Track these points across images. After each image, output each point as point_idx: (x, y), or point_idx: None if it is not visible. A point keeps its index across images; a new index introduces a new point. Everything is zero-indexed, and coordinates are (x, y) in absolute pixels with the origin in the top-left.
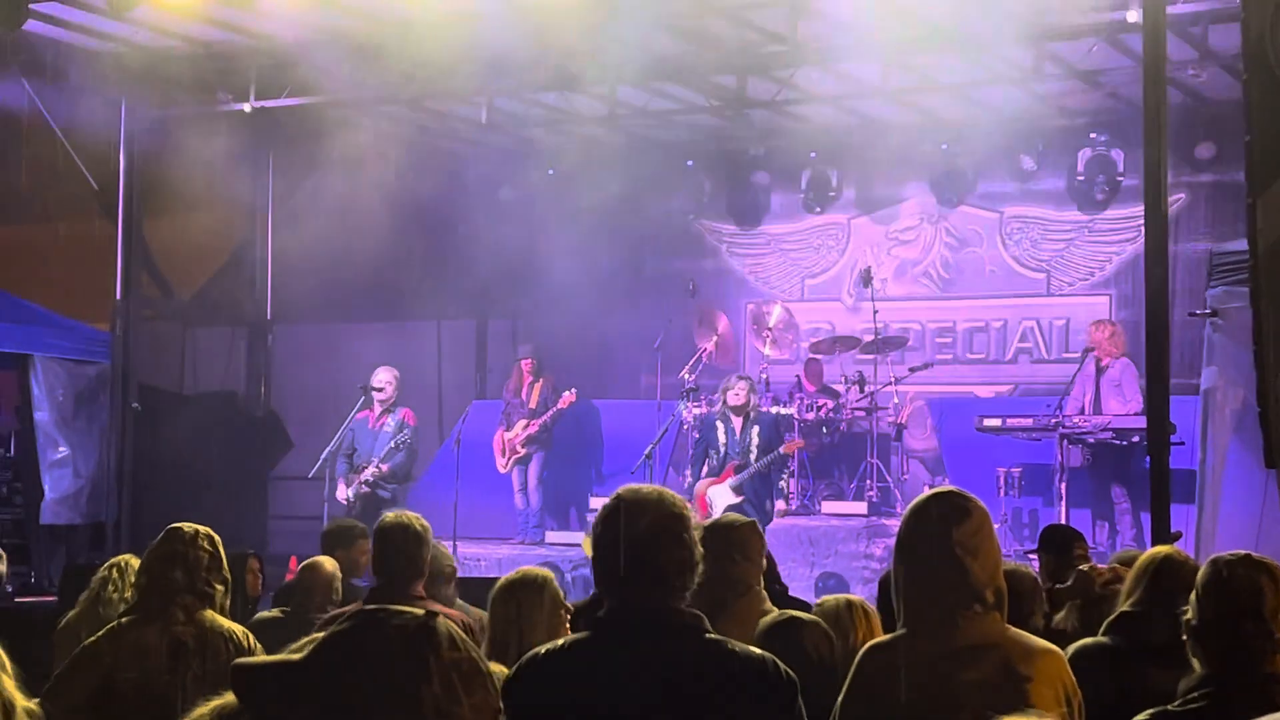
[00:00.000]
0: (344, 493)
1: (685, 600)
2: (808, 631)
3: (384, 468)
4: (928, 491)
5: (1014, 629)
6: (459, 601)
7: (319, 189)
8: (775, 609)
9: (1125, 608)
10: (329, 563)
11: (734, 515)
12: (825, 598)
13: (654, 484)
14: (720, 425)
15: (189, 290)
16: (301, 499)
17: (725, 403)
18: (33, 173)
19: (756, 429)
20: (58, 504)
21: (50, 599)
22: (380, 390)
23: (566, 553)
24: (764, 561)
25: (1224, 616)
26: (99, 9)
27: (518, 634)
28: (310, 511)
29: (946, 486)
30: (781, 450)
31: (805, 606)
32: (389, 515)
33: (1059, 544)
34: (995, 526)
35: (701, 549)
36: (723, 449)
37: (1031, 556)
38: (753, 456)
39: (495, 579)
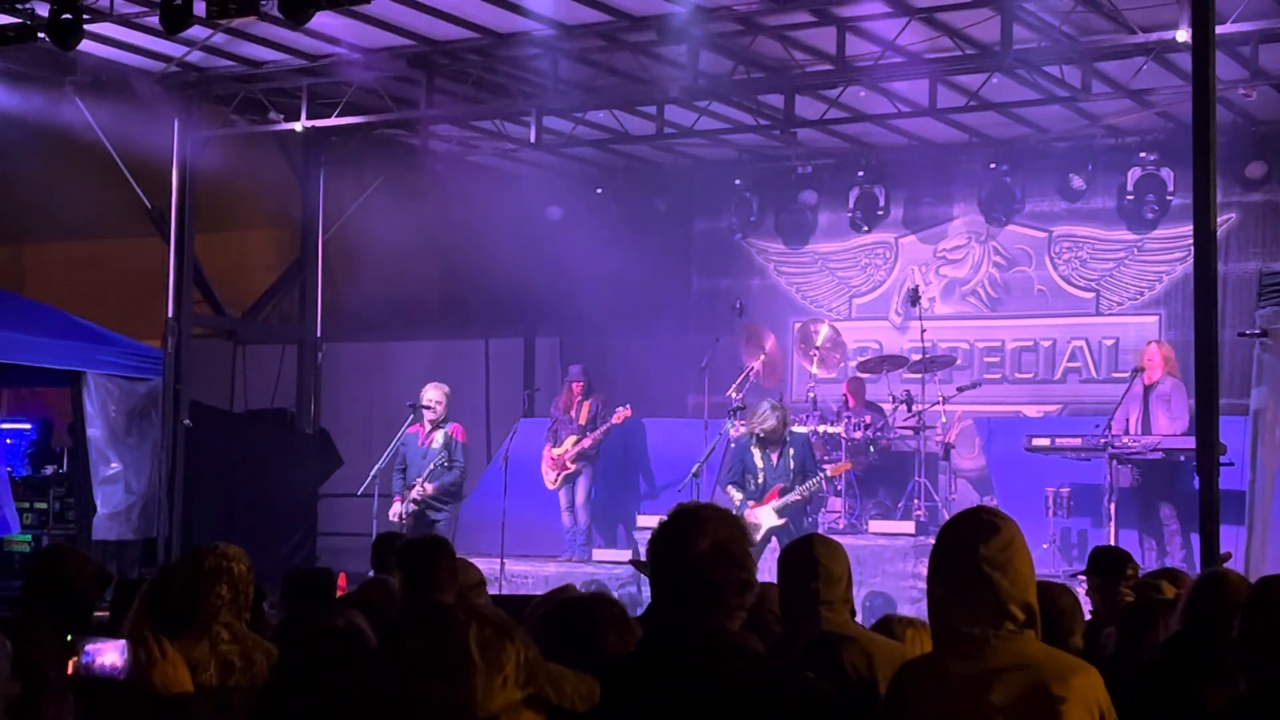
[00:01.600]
0: (397, 509)
1: (741, 621)
2: (847, 650)
3: (429, 487)
4: (961, 511)
5: (1048, 648)
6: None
7: (369, 208)
8: (847, 629)
9: (1177, 629)
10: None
11: (814, 535)
12: (890, 615)
13: (706, 502)
14: (756, 451)
15: (240, 308)
16: (349, 516)
17: (753, 433)
18: (87, 192)
19: (791, 451)
20: (109, 520)
21: (103, 614)
22: (430, 409)
23: (614, 570)
24: (846, 580)
25: (1268, 633)
26: (153, 29)
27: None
28: (359, 528)
29: (979, 504)
30: (828, 472)
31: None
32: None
33: (1109, 565)
34: (1045, 547)
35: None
36: (760, 474)
37: (1080, 578)
38: (793, 480)
39: (534, 596)
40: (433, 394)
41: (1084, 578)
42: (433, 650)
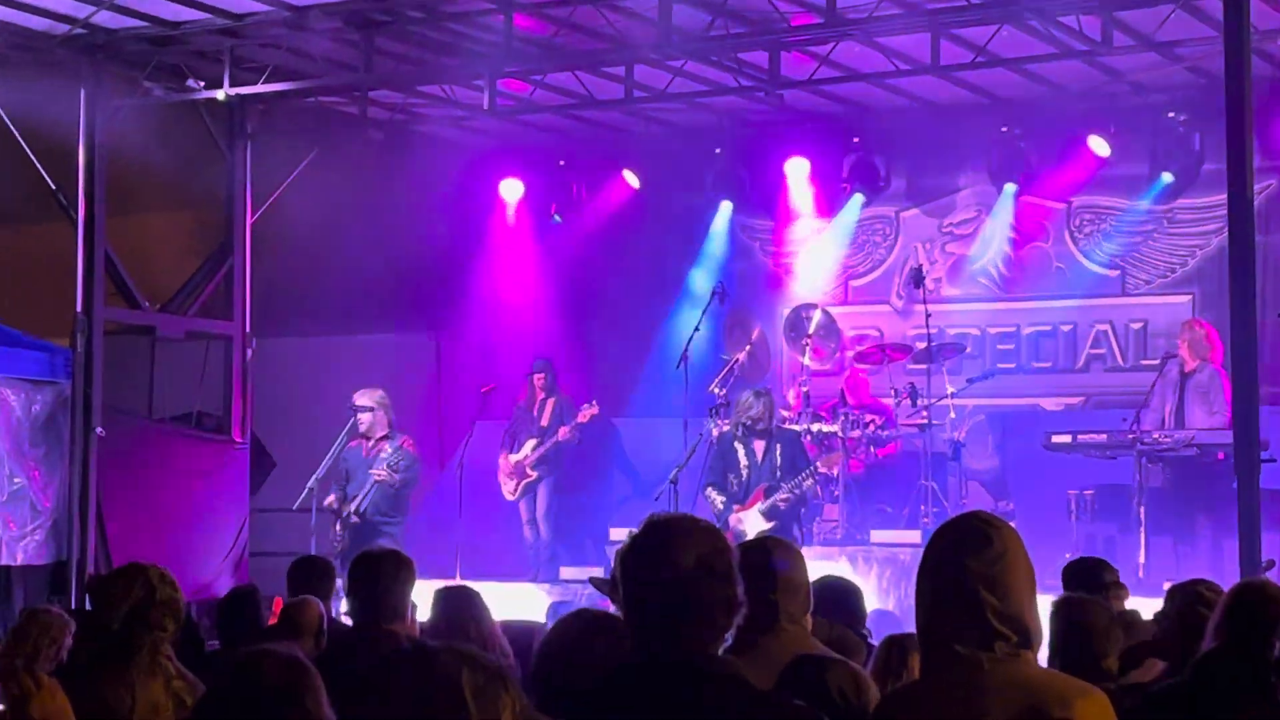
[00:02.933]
0: (331, 500)
1: (725, 644)
2: (832, 672)
3: (396, 476)
4: (949, 518)
5: (1050, 671)
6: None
7: (302, 185)
8: (818, 647)
9: (1211, 645)
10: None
11: (773, 539)
12: (892, 635)
13: (684, 512)
14: (740, 446)
15: (158, 300)
16: (285, 533)
17: (741, 424)
18: None
19: (779, 447)
20: (13, 542)
21: None
22: (365, 413)
23: (584, 590)
24: (804, 589)
25: None
26: None
27: None
28: (295, 547)
29: (970, 510)
30: (818, 466)
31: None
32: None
33: (1085, 579)
34: (1067, 556)
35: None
36: (744, 472)
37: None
38: (779, 479)
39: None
40: (364, 401)
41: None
42: (420, 699)
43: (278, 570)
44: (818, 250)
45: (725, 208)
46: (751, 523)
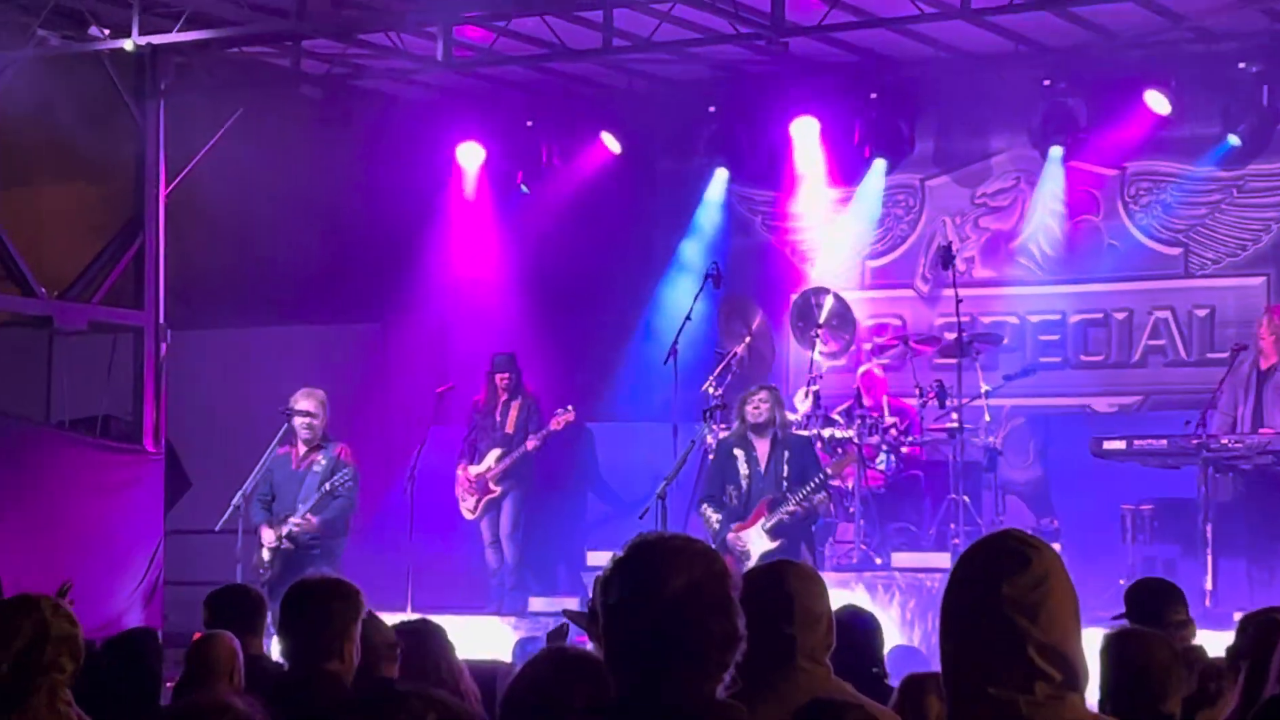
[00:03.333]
0: (271, 538)
1: (723, 684)
2: (851, 718)
3: (314, 519)
4: (981, 537)
5: (1099, 717)
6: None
7: (226, 151)
8: (845, 689)
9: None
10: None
11: (789, 562)
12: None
13: (675, 531)
14: (740, 452)
15: (57, 286)
16: (205, 559)
17: (744, 421)
18: None
19: (786, 453)
20: None
21: None
22: (305, 418)
23: (555, 625)
24: (826, 623)
25: None
26: None
27: None
28: (217, 575)
29: (1004, 529)
30: (828, 473)
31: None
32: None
33: (1149, 605)
34: (1121, 583)
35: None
36: (745, 482)
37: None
38: (785, 489)
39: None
40: (305, 405)
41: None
42: None
43: (190, 605)
44: (829, 225)
45: (720, 176)
46: (754, 542)
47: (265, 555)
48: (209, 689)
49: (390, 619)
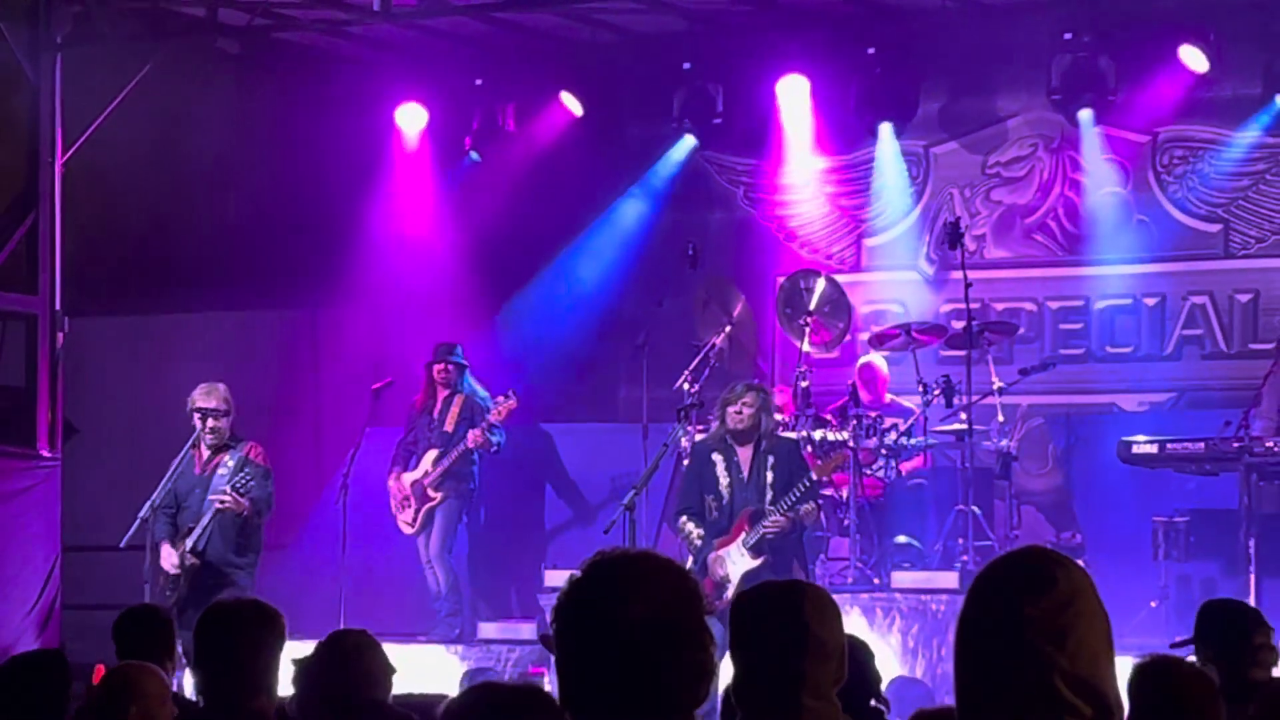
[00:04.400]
0: (170, 557)
1: None
2: None
3: (244, 500)
4: (1001, 553)
5: None
6: None
7: (131, 114)
8: None
9: None
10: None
11: (804, 584)
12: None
13: (642, 547)
14: (719, 458)
15: None
16: (107, 579)
17: (724, 424)
18: None
19: (771, 459)
20: None
21: None
22: (206, 417)
23: (508, 654)
24: (839, 655)
25: None
26: None
27: None
28: (120, 597)
29: (1028, 545)
30: (814, 478)
31: None
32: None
33: (1227, 631)
34: (1153, 605)
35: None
36: (725, 492)
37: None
38: (769, 500)
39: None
40: (205, 402)
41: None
42: None
43: (97, 628)
44: (820, 199)
45: (696, 142)
46: (733, 561)
47: (171, 574)
48: None
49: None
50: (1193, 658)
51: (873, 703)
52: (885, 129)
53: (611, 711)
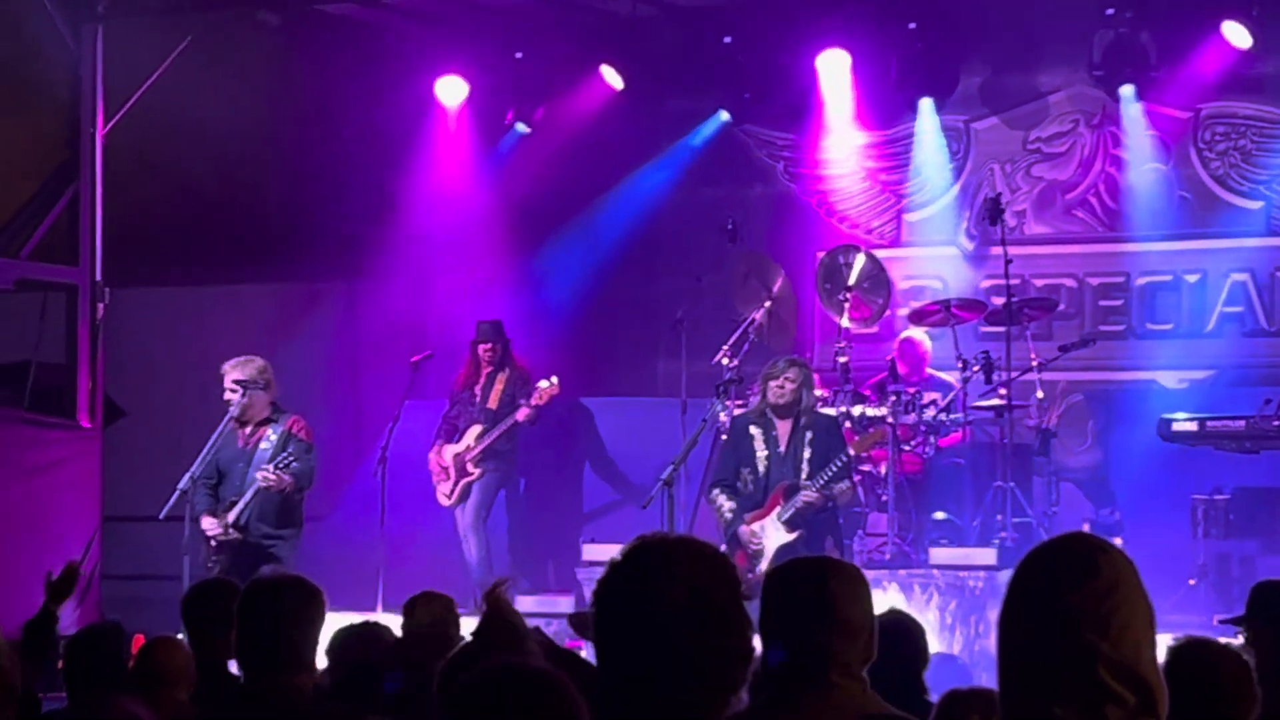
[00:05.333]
0: (212, 526)
1: (731, 708)
2: None
3: (286, 476)
4: (1044, 540)
5: None
6: None
7: (172, 85)
8: (887, 711)
9: None
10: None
11: (827, 559)
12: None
13: (680, 527)
14: (757, 431)
15: None
16: (147, 549)
17: (765, 398)
18: None
19: (810, 434)
20: None
21: None
22: (237, 390)
23: (545, 628)
24: (867, 632)
25: None
26: None
27: None
28: (160, 568)
29: (1070, 532)
30: (852, 454)
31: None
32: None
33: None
34: (1191, 584)
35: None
36: (761, 465)
37: (1234, 627)
38: (804, 475)
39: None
40: (237, 374)
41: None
42: None
43: (131, 600)
44: (860, 174)
45: (736, 116)
46: (769, 535)
47: (213, 547)
48: (165, 703)
49: (352, 619)
50: (1239, 639)
51: (915, 685)
52: (926, 104)
53: (651, 696)
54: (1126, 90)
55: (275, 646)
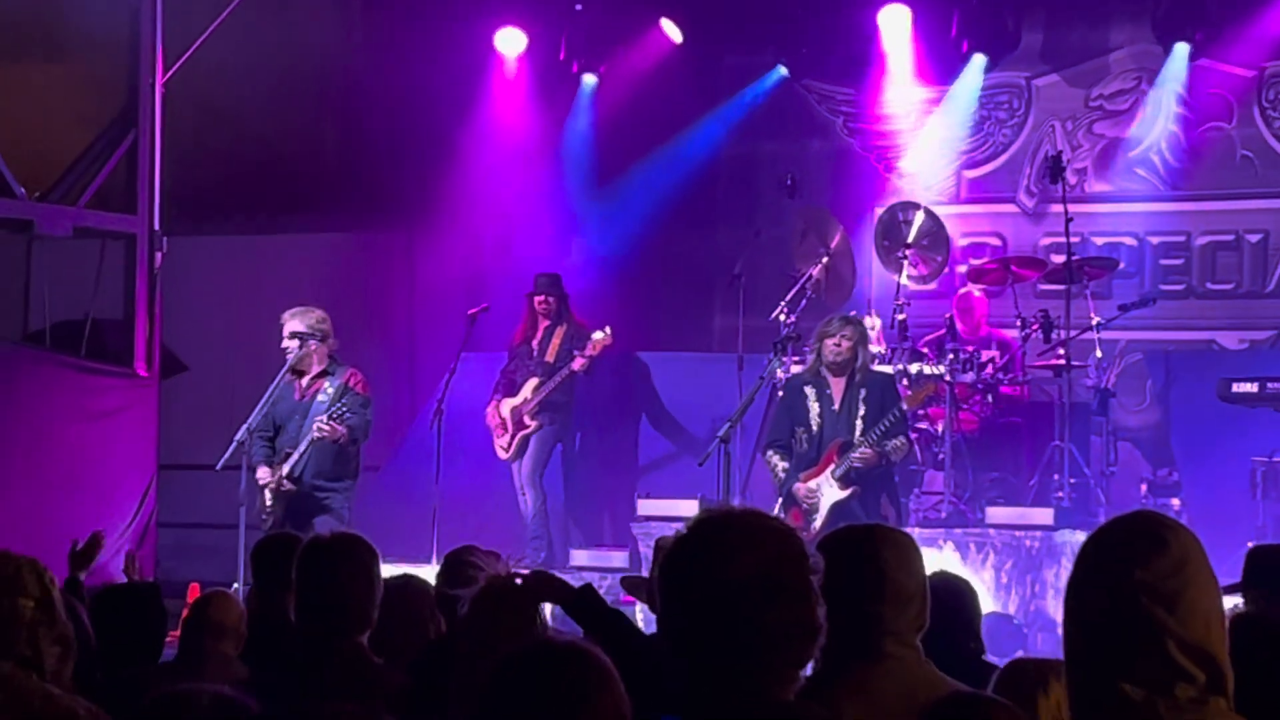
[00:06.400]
0: (267, 476)
1: (798, 681)
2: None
3: (340, 427)
4: (1113, 517)
5: None
6: None
7: (230, 33)
8: (943, 680)
9: None
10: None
11: (878, 527)
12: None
13: (736, 484)
14: (811, 390)
15: (38, 185)
16: (203, 498)
17: (820, 357)
18: None
19: (864, 391)
20: None
21: None
22: (295, 343)
23: (600, 582)
24: (920, 600)
25: None
26: None
27: None
28: (216, 516)
29: (1138, 509)
30: (905, 409)
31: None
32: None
33: (1273, 575)
34: (1249, 545)
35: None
36: (815, 424)
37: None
38: (859, 432)
39: None
40: (296, 325)
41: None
42: None
43: (185, 548)
44: (921, 130)
45: (796, 71)
46: (824, 492)
47: (267, 498)
48: (212, 657)
49: (405, 571)
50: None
51: (972, 646)
52: (977, 60)
53: (715, 669)
54: (1189, 48)
55: (333, 606)
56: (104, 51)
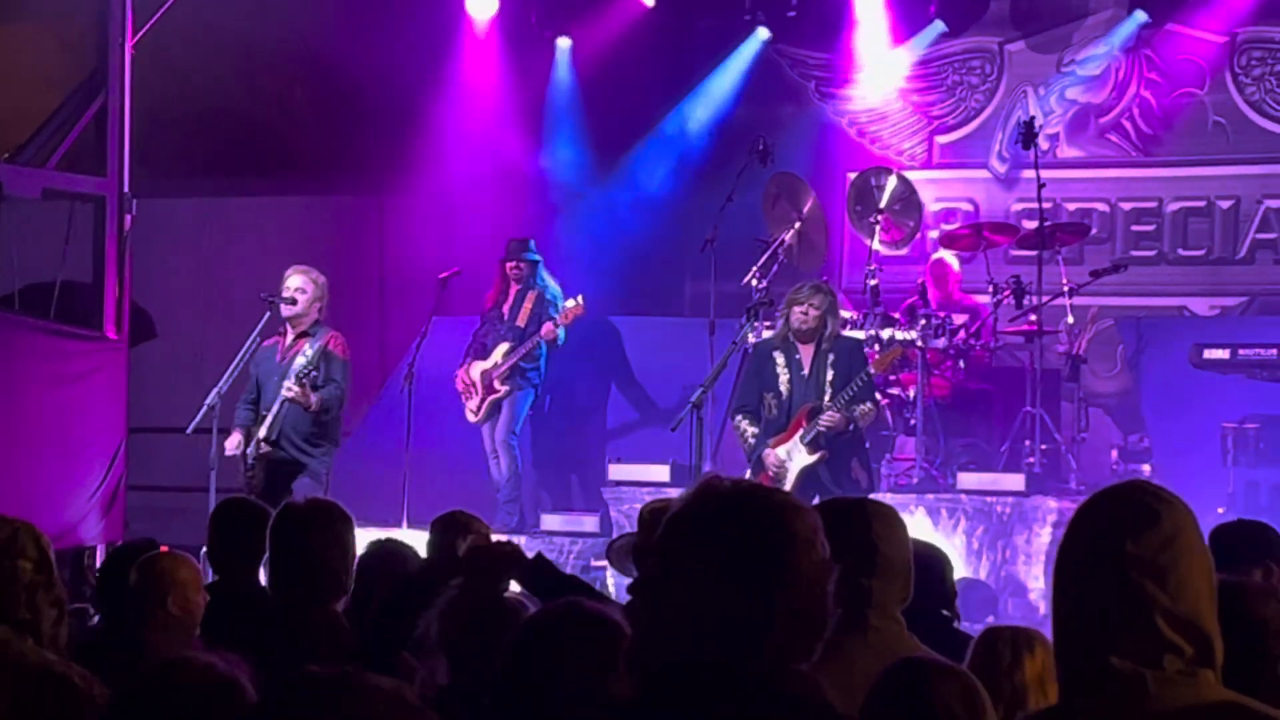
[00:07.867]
0: (236, 441)
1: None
2: (940, 686)
3: (311, 395)
4: (1101, 489)
5: (1236, 696)
6: None
7: (201, 3)
8: (925, 652)
9: None
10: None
11: (870, 501)
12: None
13: (708, 450)
14: (780, 356)
15: (7, 147)
16: (173, 462)
17: (789, 323)
18: None
19: (832, 357)
20: None
21: None
22: (292, 303)
23: (570, 546)
24: (905, 573)
25: None
26: None
27: None
28: (186, 479)
29: (1130, 480)
30: (872, 372)
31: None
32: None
33: (1237, 551)
34: (1220, 511)
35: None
36: (784, 389)
37: None
38: (828, 397)
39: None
40: (296, 281)
41: None
42: None
43: (156, 512)
44: (893, 95)
45: (767, 35)
46: (793, 457)
47: (250, 460)
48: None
49: (377, 535)
50: None
51: (945, 613)
52: (935, 27)
53: (701, 649)
54: (1160, 14)
55: (307, 572)
56: (74, 13)
